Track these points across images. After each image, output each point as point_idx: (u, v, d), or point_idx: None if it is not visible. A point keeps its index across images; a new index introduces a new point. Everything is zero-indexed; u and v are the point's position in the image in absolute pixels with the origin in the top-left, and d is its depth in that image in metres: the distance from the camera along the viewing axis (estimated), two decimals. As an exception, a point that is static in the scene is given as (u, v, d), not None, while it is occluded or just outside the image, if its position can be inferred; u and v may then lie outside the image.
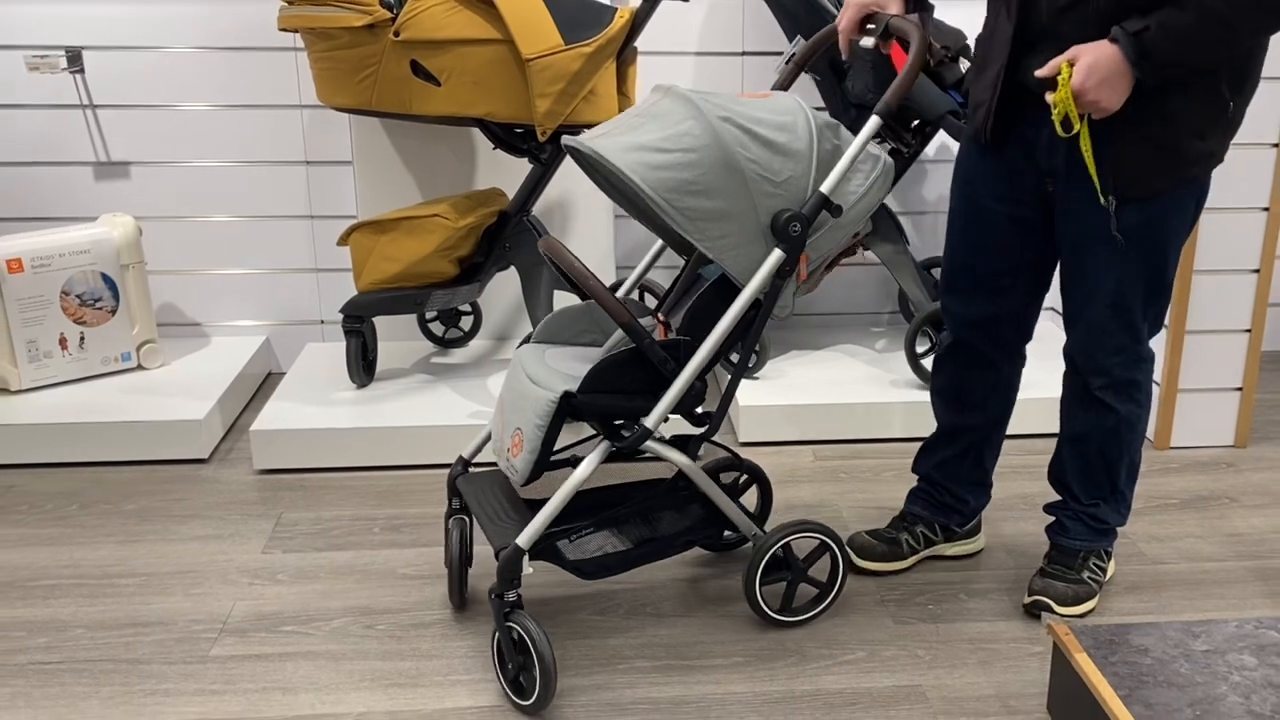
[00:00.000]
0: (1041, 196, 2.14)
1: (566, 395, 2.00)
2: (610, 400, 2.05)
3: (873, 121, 2.04)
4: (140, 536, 2.63)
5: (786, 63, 2.36)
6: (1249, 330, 3.02)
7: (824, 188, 2.00)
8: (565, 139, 2.02)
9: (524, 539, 2.00)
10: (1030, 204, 2.16)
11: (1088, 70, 1.87)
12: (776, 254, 2.02)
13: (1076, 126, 1.93)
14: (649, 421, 2.03)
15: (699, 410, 2.18)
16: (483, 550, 2.45)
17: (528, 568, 2.01)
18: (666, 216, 1.92)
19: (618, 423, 2.10)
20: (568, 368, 2.12)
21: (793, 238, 2.00)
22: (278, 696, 2.07)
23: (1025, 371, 2.42)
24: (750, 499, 2.54)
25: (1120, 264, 2.08)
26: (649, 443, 2.07)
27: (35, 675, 2.12)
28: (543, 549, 2.07)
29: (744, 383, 3.19)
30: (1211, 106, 1.97)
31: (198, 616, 2.31)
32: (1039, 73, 1.93)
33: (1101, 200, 2.02)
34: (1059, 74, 1.90)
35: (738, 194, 1.96)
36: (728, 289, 2.06)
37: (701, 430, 2.21)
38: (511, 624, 2.00)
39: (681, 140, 1.93)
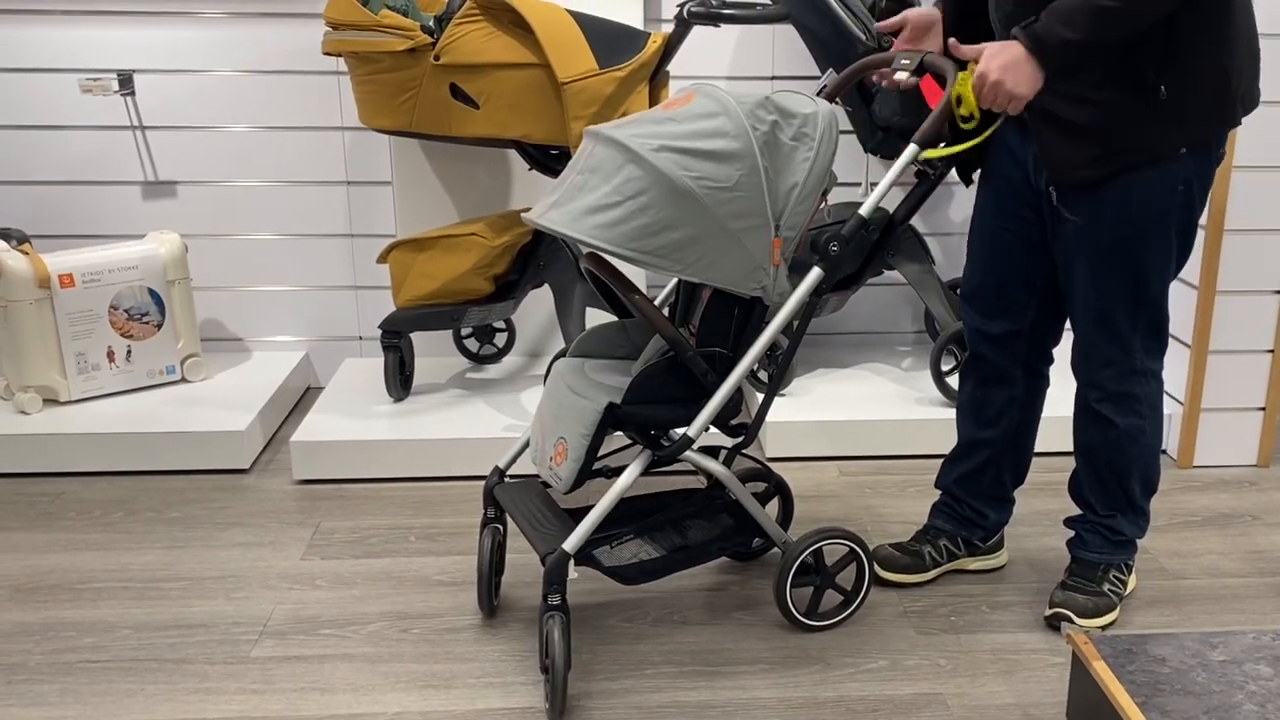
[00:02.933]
0: (1042, 215, 2.20)
1: (611, 406, 2.06)
2: (652, 411, 2.10)
3: (910, 149, 2.12)
4: (184, 542, 2.71)
5: (818, 94, 2.43)
6: (1272, 351, 3.05)
7: (863, 210, 2.08)
8: (523, 216, 2.02)
9: (570, 544, 2.06)
10: (1034, 223, 2.22)
11: (989, 56, 1.99)
12: (816, 272, 2.09)
13: (976, 117, 2.06)
14: (692, 431, 2.09)
15: (733, 421, 2.24)
16: (514, 558, 2.51)
17: (572, 572, 2.07)
18: (641, 264, 1.94)
19: (654, 432, 2.16)
20: (608, 380, 2.19)
21: (832, 256, 2.07)
22: (316, 696, 2.14)
23: (1050, 389, 2.45)
24: (771, 510, 2.58)
25: (1098, 279, 2.13)
26: (688, 452, 2.13)
27: (83, 673, 2.20)
28: (582, 555, 2.12)
29: (772, 399, 3.25)
30: (1137, 91, 1.98)
31: (239, 619, 2.38)
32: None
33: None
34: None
35: (697, 216, 1.95)
36: (729, 294, 2.10)
37: (737, 441, 2.27)
38: (546, 627, 2.06)
39: (626, 188, 1.93)
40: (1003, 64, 1.97)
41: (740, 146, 1.97)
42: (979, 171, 2.33)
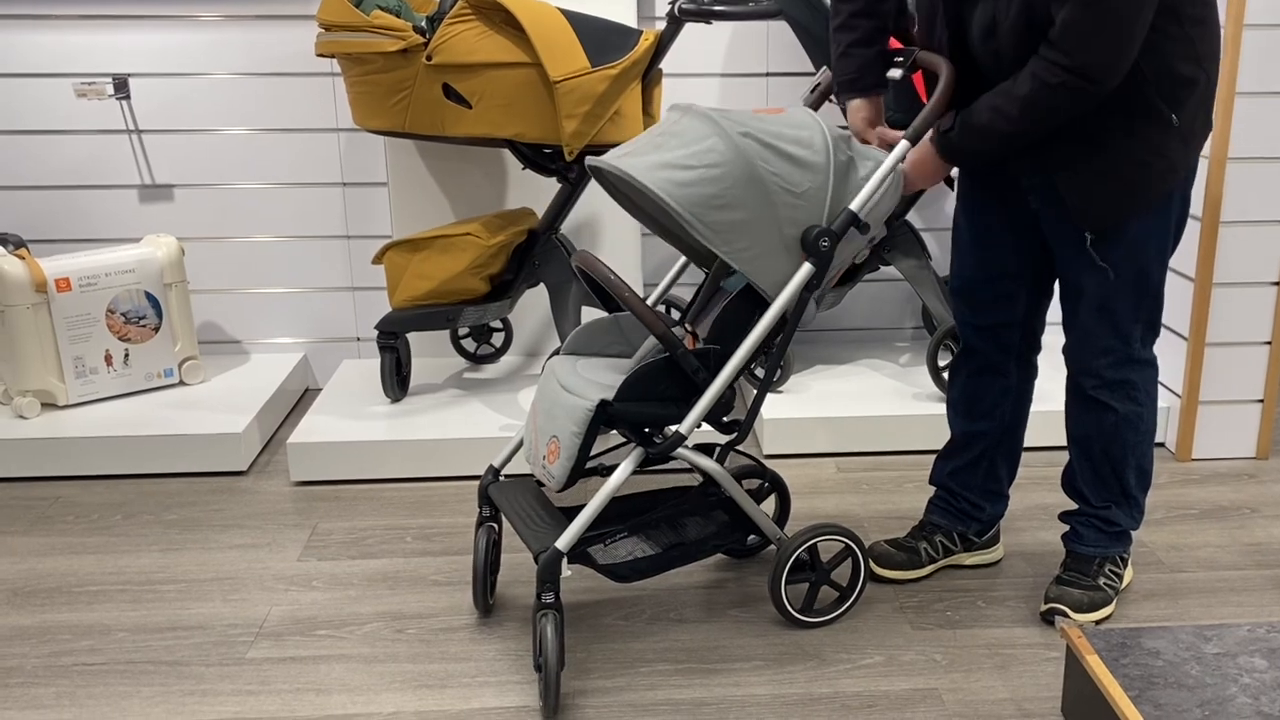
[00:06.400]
0: (1026, 205, 2.21)
1: (602, 404, 2.06)
2: (643, 408, 2.10)
3: (901, 145, 2.12)
4: (181, 545, 2.71)
5: (812, 91, 2.42)
6: (1269, 343, 3.04)
7: (854, 205, 2.07)
8: (589, 160, 2.07)
9: (563, 542, 2.06)
10: (1021, 213, 2.23)
11: (910, 154, 2.15)
12: (806, 268, 2.08)
13: None
14: (683, 428, 2.09)
15: (726, 419, 2.23)
16: (509, 557, 2.51)
17: (566, 570, 2.07)
18: (695, 231, 1.97)
19: (648, 430, 2.16)
20: (601, 377, 2.19)
21: (822, 252, 2.07)
22: (311, 697, 2.14)
23: (1043, 384, 2.46)
24: (769, 507, 2.59)
25: (1100, 271, 2.13)
26: (680, 449, 2.13)
27: (80, 676, 2.21)
28: (576, 553, 2.12)
29: (769, 396, 3.24)
30: (1155, 123, 2.01)
31: (235, 621, 2.39)
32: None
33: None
34: None
35: (760, 206, 2.01)
36: (754, 298, 2.12)
37: (730, 438, 2.27)
38: (539, 626, 2.06)
39: (705, 156, 1.98)
40: (912, 161, 2.15)
41: (819, 161, 2.05)
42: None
